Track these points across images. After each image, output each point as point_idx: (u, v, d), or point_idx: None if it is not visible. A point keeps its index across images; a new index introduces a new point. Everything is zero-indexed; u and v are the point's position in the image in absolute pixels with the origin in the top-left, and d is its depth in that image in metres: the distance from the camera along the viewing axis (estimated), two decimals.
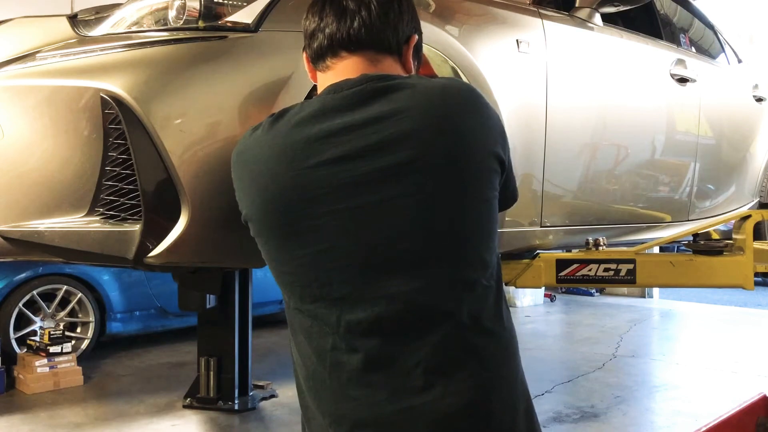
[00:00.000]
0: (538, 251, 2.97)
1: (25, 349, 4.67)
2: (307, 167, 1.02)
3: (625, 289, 9.10)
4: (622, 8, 2.97)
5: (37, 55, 1.83)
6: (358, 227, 1.01)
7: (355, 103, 1.05)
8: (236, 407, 4.18)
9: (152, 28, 1.82)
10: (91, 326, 5.13)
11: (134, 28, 1.83)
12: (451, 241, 1.02)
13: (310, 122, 1.05)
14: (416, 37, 1.22)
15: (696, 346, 6.40)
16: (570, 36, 2.82)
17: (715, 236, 4.41)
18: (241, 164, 1.12)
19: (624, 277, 2.97)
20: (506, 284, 2.98)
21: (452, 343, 1.00)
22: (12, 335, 4.73)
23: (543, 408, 4.10)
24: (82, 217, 1.74)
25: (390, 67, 1.16)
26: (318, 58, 1.18)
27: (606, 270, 2.94)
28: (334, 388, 1.03)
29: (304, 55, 1.23)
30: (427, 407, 0.98)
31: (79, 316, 5.12)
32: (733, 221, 4.03)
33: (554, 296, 8.95)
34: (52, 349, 4.51)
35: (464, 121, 1.05)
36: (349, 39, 1.14)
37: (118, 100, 1.68)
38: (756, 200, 4.44)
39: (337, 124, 1.04)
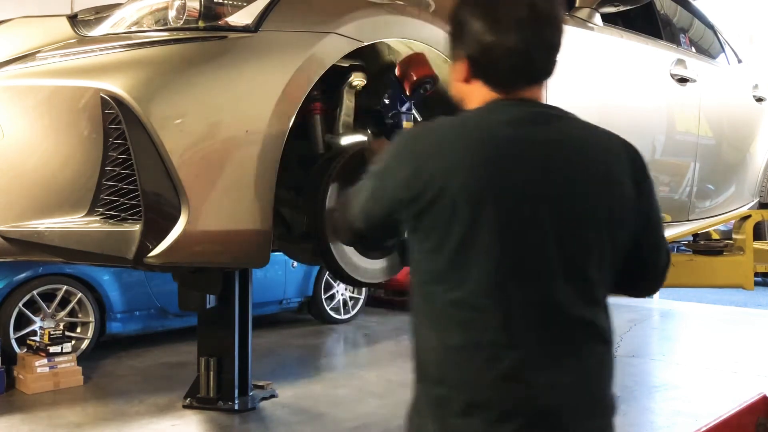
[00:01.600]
0: None
1: (25, 349, 4.66)
2: (501, 170, 1.10)
3: None
4: (622, 8, 2.97)
5: (37, 55, 1.83)
6: (538, 235, 1.10)
7: (541, 122, 1.15)
8: (236, 407, 4.18)
9: (152, 28, 1.82)
10: (91, 326, 5.12)
11: (134, 28, 1.83)
12: (609, 261, 1.15)
13: (509, 127, 1.13)
14: None
15: (696, 346, 6.40)
16: (570, 36, 2.81)
17: (715, 236, 4.41)
18: (425, 156, 1.13)
19: None
20: None
21: (590, 352, 1.14)
22: (12, 335, 4.72)
23: None
24: (82, 217, 1.74)
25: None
26: (502, 84, 1.20)
27: None
28: (489, 378, 1.09)
29: (463, 57, 1.22)
30: (562, 402, 1.10)
31: (79, 316, 5.11)
32: (733, 221, 4.03)
33: None
34: (52, 349, 4.50)
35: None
36: (539, 74, 1.21)
37: (118, 100, 1.68)
38: (756, 200, 4.44)
39: (531, 136, 1.13)
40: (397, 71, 1.88)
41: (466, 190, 1.09)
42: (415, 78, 1.85)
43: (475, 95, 1.22)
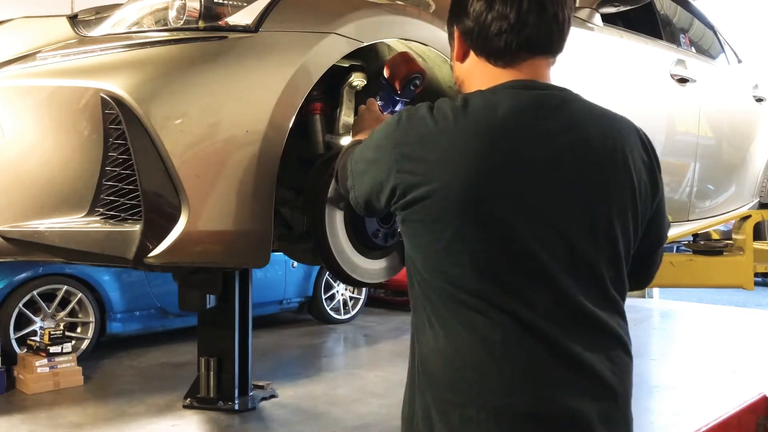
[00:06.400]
0: None
1: (26, 349, 4.67)
2: (501, 165, 1.04)
3: None
4: (622, 8, 2.97)
5: (38, 55, 1.83)
6: (541, 232, 1.08)
7: (548, 108, 1.09)
8: (236, 407, 4.18)
9: (152, 28, 1.82)
10: (91, 326, 5.13)
11: (134, 29, 1.83)
12: (624, 257, 1.14)
13: (513, 116, 1.06)
14: None
15: (696, 346, 6.40)
16: (569, 36, 2.81)
17: (715, 236, 4.41)
18: (419, 146, 1.07)
19: None
20: None
21: (605, 353, 1.14)
22: (12, 335, 4.72)
23: None
24: (83, 217, 1.74)
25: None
26: (499, 54, 1.14)
27: None
28: (503, 380, 1.05)
29: (457, 32, 1.18)
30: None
31: (79, 316, 5.12)
32: (733, 221, 4.03)
33: None
34: (52, 349, 4.51)
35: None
36: (537, 41, 1.14)
37: (118, 101, 1.68)
38: (756, 200, 4.44)
39: (536, 126, 1.06)
40: (385, 72, 1.88)
41: (461, 188, 1.02)
42: (403, 74, 1.86)
43: (475, 73, 1.16)
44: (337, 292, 6.94)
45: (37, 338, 4.66)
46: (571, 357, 1.04)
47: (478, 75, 1.16)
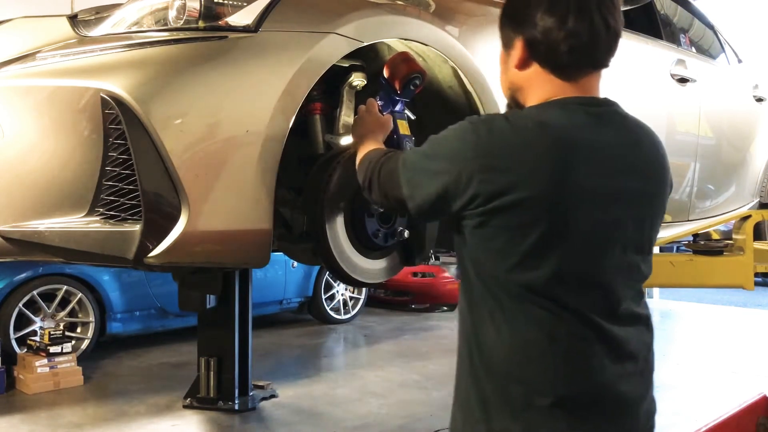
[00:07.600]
0: None
1: (26, 349, 4.67)
2: (580, 176, 1.12)
3: None
4: (622, 8, 2.96)
5: (38, 55, 1.83)
6: (608, 239, 1.18)
7: (610, 123, 1.19)
8: (236, 407, 4.18)
9: (152, 28, 1.82)
10: (91, 326, 5.13)
11: (134, 28, 1.83)
12: (650, 258, 1.26)
13: (586, 130, 1.15)
14: None
15: (696, 346, 6.40)
16: None
17: (715, 236, 4.41)
18: (503, 155, 1.12)
19: None
20: None
21: (643, 342, 1.27)
22: (12, 335, 4.72)
23: None
24: (83, 217, 1.74)
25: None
26: (564, 69, 1.19)
27: None
28: (568, 371, 1.16)
29: (521, 41, 1.20)
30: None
31: (79, 316, 5.12)
32: (733, 221, 4.04)
33: None
34: (52, 349, 4.51)
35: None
36: (603, 60, 1.21)
37: (118, 100, 1.68)
38: (756, 200, 4.44)
39: (605, 140, 1.16)
40: (385, 72, 1.88)
41: (546, 197, 1.09)
42: (403, 74, 1.86)
43: (537, 83, 1.20)
44: (337, 292, 6.94)
45: (37, 338, 4.66)
46: (623, 348, 1.15)
47: (540, 84, 1.20)
